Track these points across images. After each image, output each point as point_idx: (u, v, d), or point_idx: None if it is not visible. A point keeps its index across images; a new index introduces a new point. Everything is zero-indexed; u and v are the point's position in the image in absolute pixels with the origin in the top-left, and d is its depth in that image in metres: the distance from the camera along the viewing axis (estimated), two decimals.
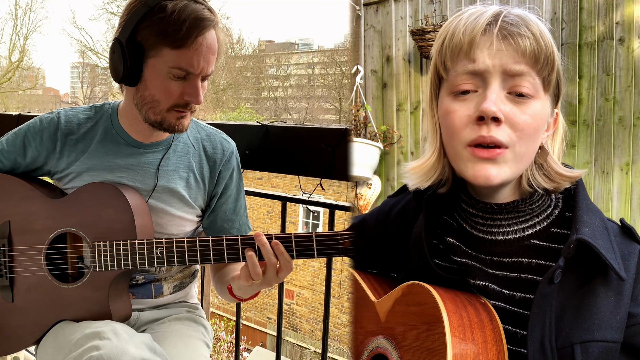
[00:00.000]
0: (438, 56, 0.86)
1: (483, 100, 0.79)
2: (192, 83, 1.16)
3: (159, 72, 1.15)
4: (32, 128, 1.28)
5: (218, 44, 1.17)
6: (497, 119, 0.79)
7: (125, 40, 1.14)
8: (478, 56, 0.80)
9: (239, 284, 1.17)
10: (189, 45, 1.11)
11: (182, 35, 1.10)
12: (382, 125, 4.33)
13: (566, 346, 0.79)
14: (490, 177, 0.80)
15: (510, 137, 0.80)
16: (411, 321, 0.86)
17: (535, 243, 0.86)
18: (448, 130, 0.84)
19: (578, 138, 3.56)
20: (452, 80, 0.83)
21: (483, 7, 0.84)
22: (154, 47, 1.13)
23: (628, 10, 3.37)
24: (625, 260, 0.83)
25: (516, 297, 0.84)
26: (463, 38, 0.81)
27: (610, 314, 0.81)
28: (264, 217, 12.17)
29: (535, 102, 0.81)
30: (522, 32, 0.80)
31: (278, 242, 1.10)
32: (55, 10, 52.87)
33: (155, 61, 1.14)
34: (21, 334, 1.26)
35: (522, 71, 0.80)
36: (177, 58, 1.13)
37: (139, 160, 1.26)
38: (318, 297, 11.20)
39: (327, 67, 22.86)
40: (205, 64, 1.15)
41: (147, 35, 1.13)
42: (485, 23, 0.81)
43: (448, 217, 0.94)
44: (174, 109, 1.18)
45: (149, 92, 1.17)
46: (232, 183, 1.35)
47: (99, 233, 1.19)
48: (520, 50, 0.79)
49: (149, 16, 1.12)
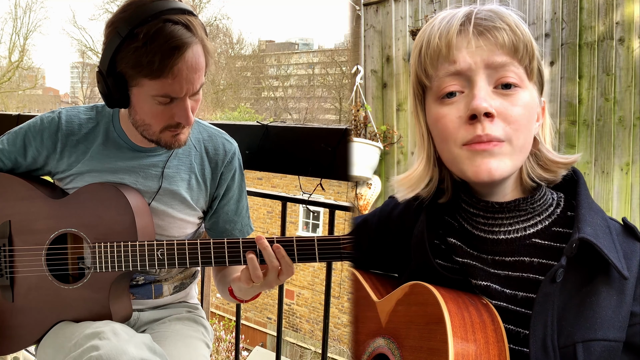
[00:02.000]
0: (418, 65, 0.85)
1: (472, 98, 0.79)
2: (180, 105, 1.13)
3: (145, 100, 1.13)
4: (32, 127, 1.27)
5: (205, 56, 1.13)
6: (490, 114, 0.78)
7: (106, 72, 1.11)
8: (458, 57, 0.80)
9: (239, 286, 1.17)
10: (166, 75, 1.07)
11: (157, 67, 1.06)
12: (382, 125, 4.33)
13: (568, 345, 0.79)
14: (492, 170, 0.79)
15: (506, 131, 0.79)
16: (413, 321, 0.86)
17: (537, 242, 0.86)
18: (441, 135, 0.83)
19: (578, 138, 3.56)
20: (437, 85, 0.83)
21: (453, 10, 0.84)
22: (133, 78, 1.10)
23: (628, 10, 3.37)
24: (628, 259, 0.83)
25: (518, 297, 0.84)
26: (440, 42, 0.81)
27: (612, 313, 0.81)
28: (264, 217, 12.17)
29: (522, 91, 0.81)
30: (497, 25, 0.80)
31: (279, 246, 1.10)
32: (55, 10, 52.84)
33: (138, 90, 1.12)
34: (21, 334, 1.25)
35: (505, 62, 0.80)
36: (158, 87, 1.09)
37: (141, 163, 1.26)
38: (318, 297, 11.20)
39: (327, 67, 22.87)
40: (189, 85, 1.11)
41: (124, 66, 1.09)
42: (459, 23, 0.81)
43: (449, 217, 0.94)
44: (167, 130, 1.17)
45: (139, 116, 1.17)
46: (234, 184, 1.34)
47: (100, 234, 1.19)
48: (498, 43, 0.80)
49: (123, 46, 1.07)
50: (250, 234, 1.40)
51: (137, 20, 1.06)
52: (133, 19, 1.07)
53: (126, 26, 1.06)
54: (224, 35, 24.34)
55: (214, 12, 40.08)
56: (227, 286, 1.26)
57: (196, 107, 1.18)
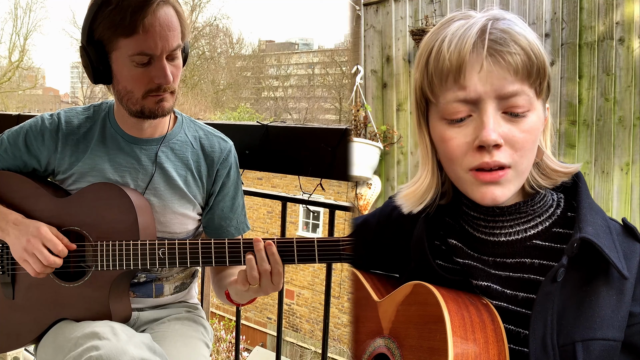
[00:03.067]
0: (423, 79, 0.82)
1: (481, 126, 0.78)
2: (157, 65, 1.16)
3: (123, 63, 1.16)
4: (33, 127, 1.28)
5: (178, 17, 1.17)
6: (498, 145, 0.78)
7: (86, 43, 1.16)
8: (469, 83, 0.77)
9: (236, 289, 1.17)
10: (138, 29, 1.12)
11: (128, 22, 1.11)
12: (382, 125, 4.34)
13: (567, 344, 0.79)
14: (497, 197, 0.80)
15: (512, 157, 0.79)
16: (413, 321, 0.86)
17: (538, 243, 0.86)
18: (447, 157, 0.83)
19: (578, 138, 3.56)
20: (443, 107, 0.81)
21: (467, 21, 0.80)
22: (110, 40, 1.15)
23: (628, 10, 3.37)
24: (627, 260, 0.83)
25: (519, 297, 0.84)
26: (450, 63, 0.78)
27: (611, 313, 0.81)
28: (264, 217, 12.17)
29: (531, 114, 0.80)
30: (511, 50, 0.77)
31: (271, 242, 1.11)
32: (55, 10, 52.87)
33: (117, 54, 1.16)
34: (21, 331, 1.26)
35: (516, 91, 0.78)
36: (133, 45, 1.13)
37: (140, 159, 1.27)
38: (318, 297, 11.20)
39: (327, 67, 22.87)
40: (163, 42, 1.14)
41: (102, 31, 1.15)
42: (472, 43, 0.77)
43: (450, 218, 0.94)
44: (149, 95, 1.19)
45: (121, 85, 1.20)
46: (229, 181, 1.35)
47: (102, 233, 1.19)
48: (512, 69, 0.77)
49: (99, 12, 1.14)
50: (247, 232, 1.40)
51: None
52: None
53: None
54: (224, 35, 24.37)
55: (214, 12, 40.11)
56: (224, 290, 1.26)
57: (177, 74, 1.20)
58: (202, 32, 22.98)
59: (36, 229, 1.17)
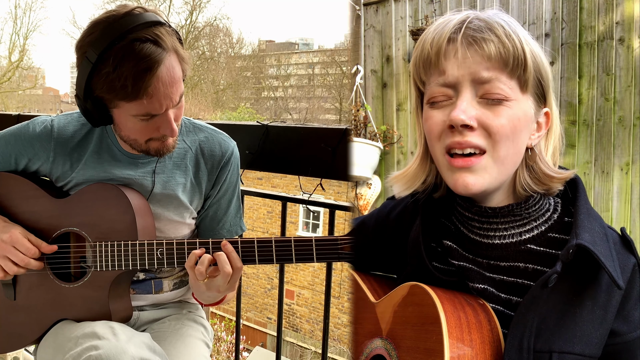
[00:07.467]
0: (415, 70, 0.87)
1: (454, 108, 0.80)
2: (163, 119, 1.13)
3: (126, 119, 1.13)
4: (23, 134, 1.25)
5: (180, 64, 1.12)
6: (468, 126, 0.79)
7: (83, 97, 1.11)
8: (446, 67, 0.81)
9: (193, 285, 1.19)
10: (142, 96, 1.07)
11: (130, 90, 1.06)
12: (382, 125, 4.33)
13: (544, 351, 0.79)
14: (469, 185, 0.81)
15: (487, 142, 0.80)
16: (410, 322, 0.86)
17: (532, 248, 0.86)
18: (429, 136, 0.86)
19: (578, 138, 3.56)
20: (429, 92, 0.85)
21: (451, 16, 0.84)
22: (110, 101, 1.11)
23: (628, 10, 3.37)
24: (621, 272, 0.82)
25: (512, 301, 0.84)
26: (431, 50, 0.82)
27: (592, 329, 0.81)
28: (264, 217, 12.17)
29: (510, 103, 0.80)
30: (485, 37, 0.79)
31: (226, 243, 1.12)
32: (55, 10, 52.89)
33: (118, 111, 1.13)
34: (22, 332, 1.26)
35: (491, 77, 0.79)
36: (137, 108, 1.10)
37: (136, 172, 1.25)
38: (318, 297, 11.20)
39: (327, 67, 22.88)
40: (167, 100, 1.10)
41: (100, 92, 1.09)
42: (450, 32, 0.81)
43: (446, 220, 0.94)
44: (154, 139, 1.18)
45: (124, 133, 1.18)
46: (227, 184, 1.34)
47: (101, 233, 1.19)
48: (485, 55, 0.79)
49: (95, 73, 1.07)
50: (240, 234, 1.40)
51: (104, 43, 1.05)
52: (100, 42, 1.05)
53: (94, 51, 1.06)
54: (224, 35, 24.36)
55: (214, 12, 40.15)
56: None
57: (180, 114, 1.18)
58: (202, 32, 22.99)
59: (7, 234, 1.18)
